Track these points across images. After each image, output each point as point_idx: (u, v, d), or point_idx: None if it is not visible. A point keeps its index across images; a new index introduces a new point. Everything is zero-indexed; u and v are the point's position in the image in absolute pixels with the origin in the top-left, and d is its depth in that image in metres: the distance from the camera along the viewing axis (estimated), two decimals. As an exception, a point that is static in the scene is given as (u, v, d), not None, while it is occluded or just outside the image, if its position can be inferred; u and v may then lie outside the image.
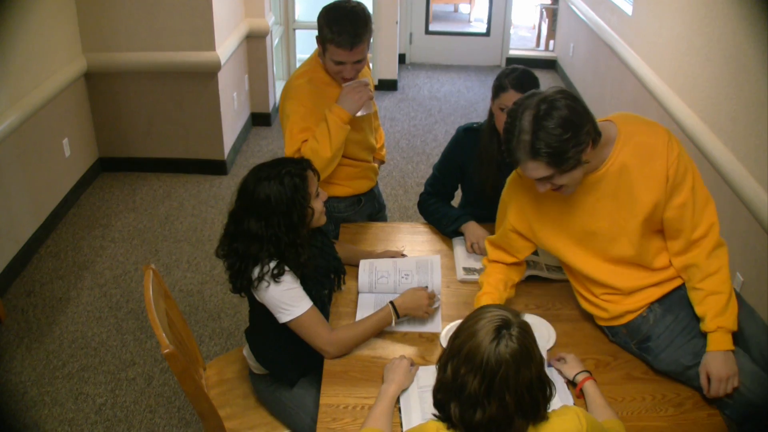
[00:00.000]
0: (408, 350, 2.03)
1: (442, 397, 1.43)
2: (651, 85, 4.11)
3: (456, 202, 2.78)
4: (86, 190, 4.48)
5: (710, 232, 1.92)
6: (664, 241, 2.00)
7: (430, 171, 2.83)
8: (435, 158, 4.88)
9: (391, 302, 2.06)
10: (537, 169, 1.80)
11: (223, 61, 4.43)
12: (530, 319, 2.08)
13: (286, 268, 1.93)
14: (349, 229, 2.66)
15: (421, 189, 2.79)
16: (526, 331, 1.40)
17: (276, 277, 1.91)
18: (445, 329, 2.08)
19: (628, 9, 4.79)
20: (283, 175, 1.92)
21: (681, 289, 2.02)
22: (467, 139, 2.60)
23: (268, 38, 5.28)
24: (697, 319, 1.93)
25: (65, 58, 4.13)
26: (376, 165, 2.81)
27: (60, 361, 3.09)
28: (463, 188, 2.74)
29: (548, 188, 1.87)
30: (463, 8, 9.17)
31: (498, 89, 2.37)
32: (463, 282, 2.34)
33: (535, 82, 2.38)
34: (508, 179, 2.15)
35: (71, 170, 4.31)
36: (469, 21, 8.86)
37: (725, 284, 1.90)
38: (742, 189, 2.87)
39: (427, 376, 1.89)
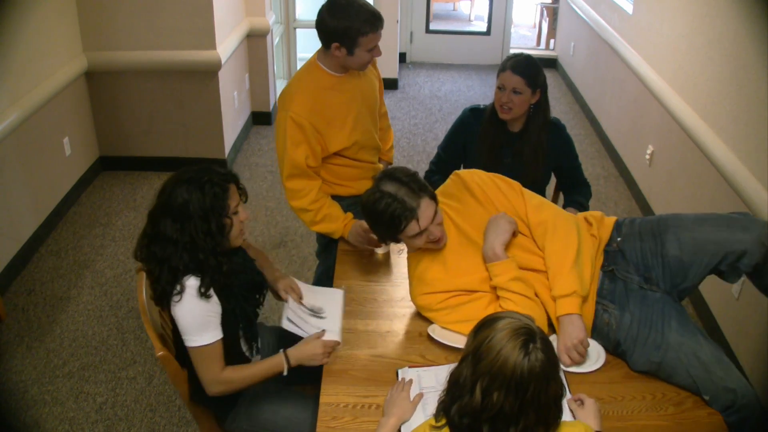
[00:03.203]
0: (408, 349, 2.03)
1: (470, 421, 1.41)
2: (651, 84, 4.11)
3: None
4: (87, 189, 4.48)
5: (548, 222, 2.11)
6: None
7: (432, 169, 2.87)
8: (435, 157, 4.89)
9: (284, 350, 1.96)
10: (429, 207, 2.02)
11: (223, 60, 4.43)
12: None
13: (212, 292, 1.86)
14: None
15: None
16: (546, 339, 1.42)
17: (204, 294, 1.84)
18: (431, 327, 2.08)
19: (629, 8, 4.79)
20: (204, 182, 1.85)
21: (620, 280, 2.08)
22: (472, 119, 2.73)
23: (268, 37, 5.28)
24: (647, 309, 1.99)
25: (66, 57, 4.13)
26: (381, 166, 2.80)
27: (60, 359, 3.09)
28: (465, 167, 2.79)
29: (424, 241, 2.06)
30: (464, 7, 9.17)
31: (499, 71, 2.61)
32: None
33: (534, 66, 2.58)
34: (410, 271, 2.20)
35: (72, 169, 4.31)
36: (470, 20, 8.86)
37: (564, 256, 2.04)
38: (743, 188, 2.87)
39: (429, 376, 1.88)
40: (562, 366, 1.96)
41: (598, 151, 5.22)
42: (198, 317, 1.86)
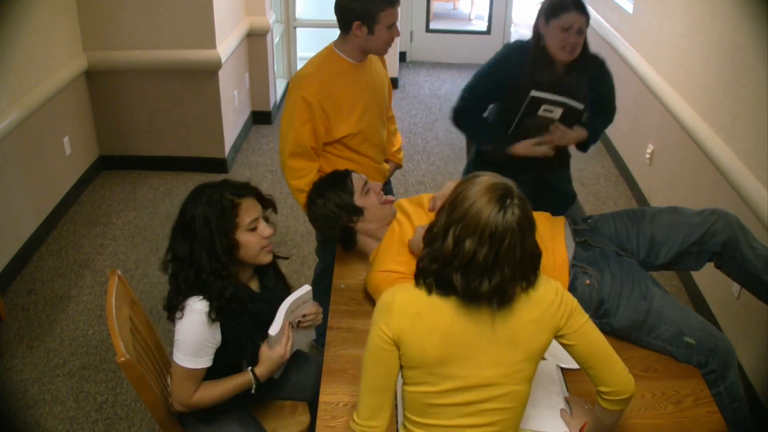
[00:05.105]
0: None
1: (439, 267, 1.43)
2: (651, 83, 4.11)
3: None
4: (87, 188, 4.48)
5: None
6: None
7: (431, 169, 2.84)
8: (436, 156, 4.88)
9: (252, 370, 1.89)
10: None
11: (223, 60, 4.43)
12: None
13: (217, 321, 1.79)
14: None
15: (422, 187, 2.80)
16: (524, 198, 1.44)
17: (213, 320, 1.78)
18: None
19: (629, 7, 4.79)
20: (213, 199, 1.80)
21: (596, 248, 2.17)
22: (519, 54, 2.55)
23: (268, 36, 5.28)
24: (626, 269, 2.09)
25: (66, 56, 4.13)
26: (386, 166, 2.80)
27: (61, 359, 3.09)
28: (500, 109, 2.68)
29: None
30: (464, 6, 9.17)
31: (558, 10, 2.39)
32: None
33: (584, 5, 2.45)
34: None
35: (72, 168, 4.31)
36: (470, 19, 8.85)
37: None
38: (743, 187, 2.87)
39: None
40: (561, 365, 1.96)
41: (598, 150, 5.22)
42: (195, 342, 1.80)
